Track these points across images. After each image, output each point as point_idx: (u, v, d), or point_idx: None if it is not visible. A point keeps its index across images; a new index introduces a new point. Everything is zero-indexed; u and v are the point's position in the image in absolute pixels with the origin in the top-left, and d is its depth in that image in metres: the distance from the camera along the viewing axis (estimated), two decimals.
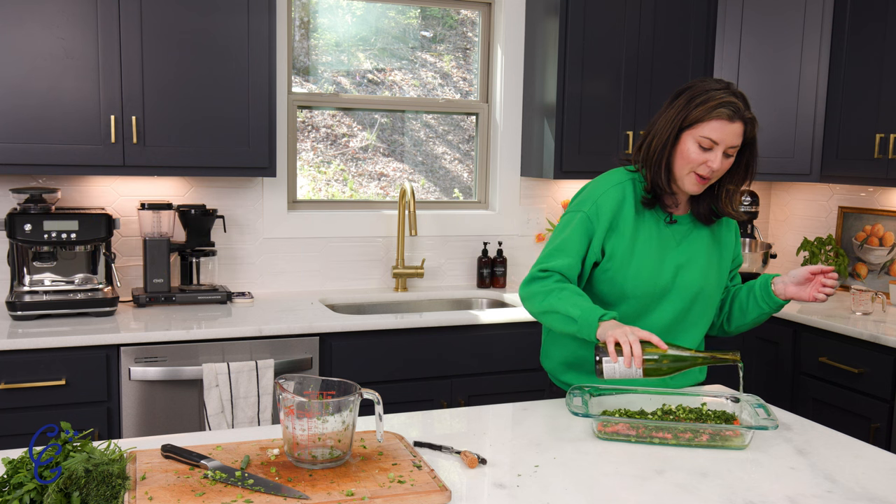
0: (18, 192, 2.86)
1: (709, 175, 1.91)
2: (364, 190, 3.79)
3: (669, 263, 1.99)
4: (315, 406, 1.49)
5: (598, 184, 2.04)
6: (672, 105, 1.96)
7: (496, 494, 1.47)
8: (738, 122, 1.88)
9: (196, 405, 2.75)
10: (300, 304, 3.20)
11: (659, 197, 1.99)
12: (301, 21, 3.55)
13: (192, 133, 2.95)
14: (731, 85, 1.93)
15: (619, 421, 1.74)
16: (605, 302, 2.03)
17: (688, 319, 2.04)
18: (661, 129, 1.95)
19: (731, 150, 1.90)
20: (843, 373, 3.03)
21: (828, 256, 3.75)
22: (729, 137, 1.88)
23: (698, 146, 1.89)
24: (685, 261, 2.01)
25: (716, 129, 1.87)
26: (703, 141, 1.89)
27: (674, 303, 2.01)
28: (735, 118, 1.87)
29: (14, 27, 2.71)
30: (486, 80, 3.82)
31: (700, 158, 1.90)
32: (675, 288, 2.00)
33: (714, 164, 1.88)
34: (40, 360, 2.57)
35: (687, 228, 2.03)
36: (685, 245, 2.02)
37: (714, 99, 1.88)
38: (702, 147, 1.89)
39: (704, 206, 2.01)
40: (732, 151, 1.91)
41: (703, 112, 1.88)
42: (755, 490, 1.52)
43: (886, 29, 3.23)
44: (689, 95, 1.93)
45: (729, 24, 3.58)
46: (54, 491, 1.29)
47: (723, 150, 1.89)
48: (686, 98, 1.93)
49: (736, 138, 1.89)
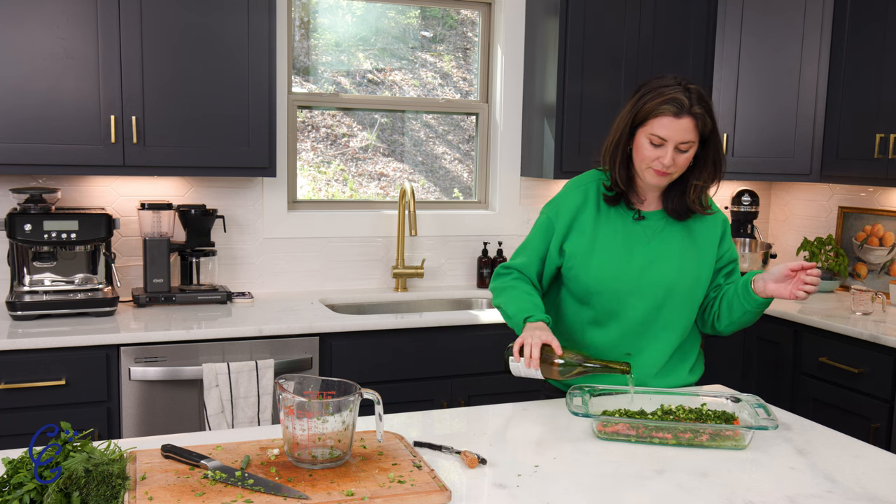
0: (18, 192, 2.86)
1: (665, 171, 1.92)
2: (364, 190, 3.79)
3: (637, 259, 2.00)
4: (315, 406, 1.49)
5: (565, 187, 2.12)
6: (627, 102, 1.98)
7: (496, 494, 1.47)
8: (685, 117, 1.87)
9: (196, 405, 2.75)
10: (300, 304, 3.20)
11: (623, 194, 2.02)
12: (301, 21, 3.55)
13: (192, 133, 2.95)
14: (684, 80, 1.92)
15: (619, 421, 1.74)
16: (577, 299, 2.07)
17: (662, 317, 2.03)
18: (616, 128, 1.98)
19: (684, 146, 1.90)
20: (843, 373, 3.03)
21: (828, 256, 3.75)
22: (677, 134, 1.88)
23: (649, 143, 1.91)
24: (655, 256, 2.00)
25: (663, 125, 1.88)
26: (652, 138, 1.90)
27: (645, 299, 2.00)
28: (682, 114, 1.87)
29: (14, 27, 2.71)
30: (486, 80, 3.82)
31: (652, 155, 1.91)
32: (645, 284, 2.00)
33: (665, 161, 1.90)
34: (40, 360, 2.57)
35: (659, 224, 2.03)
36: (657, 241, 2.02)
37: (661, 95, 1.89)
38: (652, 144, 1.91)
39: (673, 201, 2.02)
40: (685, 147, 1.90)
41: (650, 109, 1.90)
42: (755, 490, 1.52)
43: (886, 29, 3.23)
44: (641, 93, 1.94)
45: (729, 24, 3.58)
46: (54, 491, 1.29)
47: (673, 146, 1.89)
48: (638, 95, 1.95)
49: (685, 134, 1.88)
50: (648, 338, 2.04)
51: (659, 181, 1.95)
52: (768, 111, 3.60)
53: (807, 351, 3.20)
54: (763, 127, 3.61)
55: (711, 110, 1.92)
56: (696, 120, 1.88)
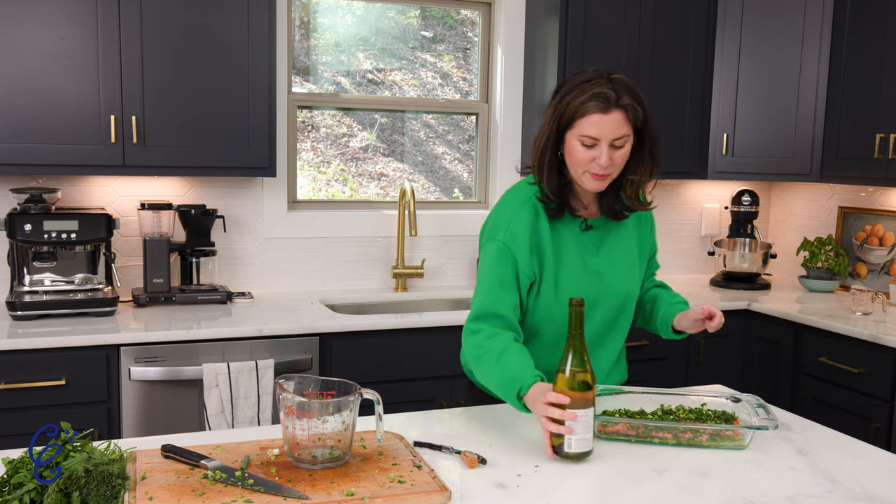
0: (18, 192, 2.86)
1: (604, 172, 1.79)
2: (364, 190, 3.79)
3: (592, 272, 1.90)
4: (315, 406, 1.49)
5: (505, 205, 1.92)
6: (549, 105, 1.84)
7: (496, 494, 1.47)
8: (614, 111, 1.75)
9: (196, 405, 2.75)
10: (300, 304, 3.20)
11: (565, 203, 1.88)
12: (301, 21, 3.55)
13: (192, 133, 2.95)
14: (606, 72, 1.79)
15: (619, 421, 1.74)
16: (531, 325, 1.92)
17: (615, 326, 1.98)
18: (541, 134, 1.85)
19: (619, 142, 1.78)
20: (843, 373, 3.03)
21: (828, 256, 3.75)
22: (609, 130, 1.75)
23: (581, 145, 1.78)
24: (606, 266, 1.91)
25: (593, 123, 1.75)
26: (583, 139, 1.77)
27: (602, 312, 1.92)
28: (610, 108, 1.74)
29: (14, 27, 2.71)
30: (486, 80, 3.83)
31: (587, 157, 1.78)
32: (603, 297, 1.91)
33: (602, 161, 1.76)
34: (40, 360, 2.57)
35: (603, 232, 1.93)
36: (604, 250, 1.92)
37: (585, 92, 1.75)
38: (584, 145, 1.78)
39: (610, 200, 1.90)
40: (621, 142, 1.78)
41: (575, 108, 1.76)
42: (755, 490, 1.52)
43: (886, 29, 3.23)
44: (563, 93, 1.81)
45: (729, 24, 3.58)
46: (54, 491, 1.29)
47: (607, 143, 1.76)
48: (559, 96, 1.81)
49: (618, 128, 1.76)
50: (599, 346, 1.96)
51: (599, 185, 1.82)
52: (768, 111, 3.60)
53: (807, 351, 3.20)
54: (763, 127, 3.61)
55: (641, 99, 1.80)
56: (626, 112, 1.76)
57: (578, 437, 1.59)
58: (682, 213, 4.13)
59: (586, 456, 1.62)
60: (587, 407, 1.59)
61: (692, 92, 3.62)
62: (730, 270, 3.82)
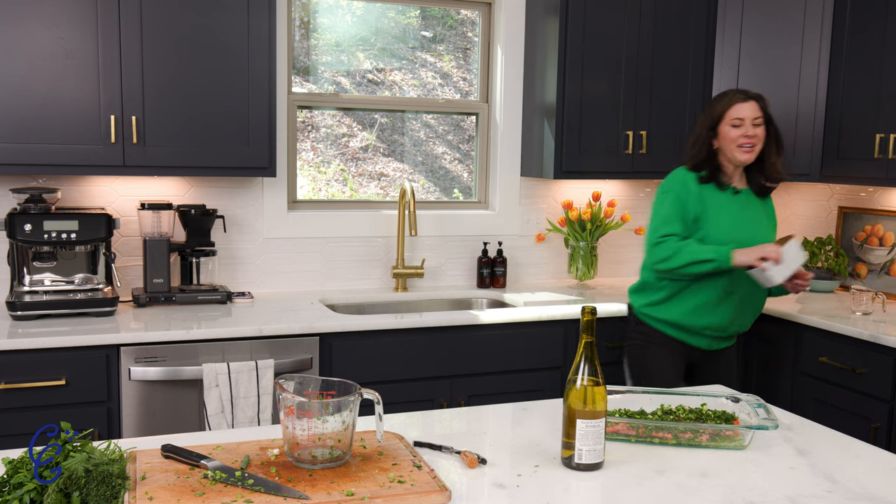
0: (18, 192, 2.86)
1: (750, 142, 2.64)
2: (364, 190, 3.79)
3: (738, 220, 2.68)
4: (315, 406, 1.49)
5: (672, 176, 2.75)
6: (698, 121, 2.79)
7: (496, 494, 1.47)
8: (751, 101, 2.67)
9: (196, 405, 2.75)
10: (300, 304, 3.20)
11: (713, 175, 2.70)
12: (301, 21, 3.55)
13: (192, 133, 2.95)
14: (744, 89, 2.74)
15: (619, 421, 1.74)
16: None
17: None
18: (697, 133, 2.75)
19: (757, 121, 2.65)
20: (843, 373, 3.03)
21: (828, 256, 3.75)
22: (750, 111, 2.66)
23: (732, 126, 2.66)
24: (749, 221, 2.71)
25: (739, 109, 2.66)
26: (734, 122, 2.66)
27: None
28: (748, 98, 2.68)
29: (14, 27, 2.71)
30: (486, 80, 3.83)
31: (737, 133, 2.66)
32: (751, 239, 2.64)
33: (749, 132, 2.64)
34: (40, 360, 2.57)
35: (749, 198, 2.75)
36: (749, 211, 2.73)
37: (727, 94, 2.72)
38: (734, 126, 2.66)
39: (758, 179, 2.74)
40: (759, 121, 2.65)
41: (725, 104, 2.69)
42: (755, 490, 1.52)
43: (886, 29, 3.23)
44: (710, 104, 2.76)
45: (729, 24, 3.58)
46: (54, 491, 1.29)
47: (750, 122, 2.64)
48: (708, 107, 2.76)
49: (755, 111, 2.66)
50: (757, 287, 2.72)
51: (748, 156, 2.66)
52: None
53: (807, 351, 3.20)
54: None
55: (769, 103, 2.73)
56: (758, 101, 2.68)
57: (589, 449, 1.58)
58: None
59: (597, 467, 1.60)
60: (598, 418, 1.58)
61: (692, 92, 3.62)
62: None
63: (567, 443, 1.60)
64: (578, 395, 1.58)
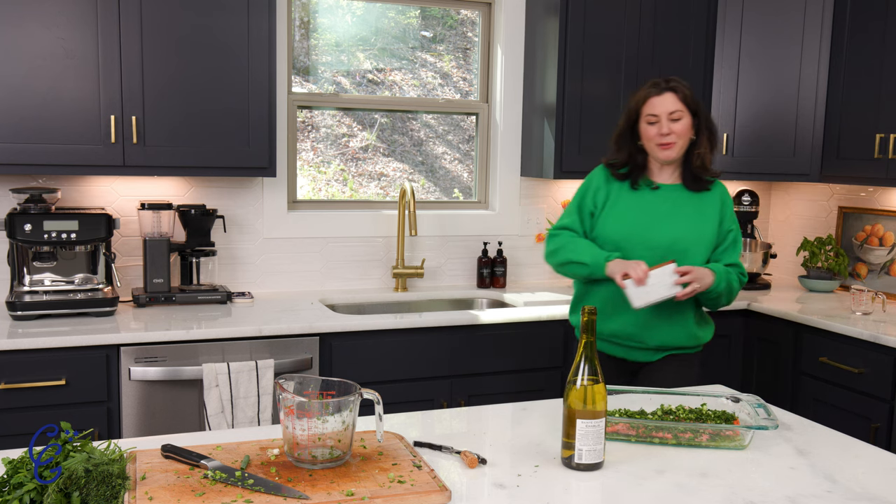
0: (18, 192, 2.86)
1: (666, 140, 2.38)
2: (364, 190, 3.79)
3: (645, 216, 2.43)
4: (315, 406, 1.49)
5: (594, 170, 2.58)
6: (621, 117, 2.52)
7: (496, 494, 1.47)
8: (665, 92, 2.39)
9: (196, 405, 2.75)
10: (300, 304, 3.20)
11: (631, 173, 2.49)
12: (301, 21, 3.55)
13: (192, 133, 2.95)
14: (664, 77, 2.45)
15: (619, 421, 1.74)
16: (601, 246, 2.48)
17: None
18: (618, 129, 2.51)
19: (675, 115, 2.37)
20: (843, 373, 3.03)
21: (828, 256, 3.75)
22: (664, 105, 2.38)
23: (648, 124, 2.41)
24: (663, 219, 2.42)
25: (652, 105, 2.40)
26: (648, 118, 2.40)
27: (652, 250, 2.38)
28: (662, 90, 2.40)
29: (14, 27, 2.71)
30: (486, 80, 3.83)
31: (653, 131, 2.40)
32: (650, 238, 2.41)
33: (664, 129, 2.37)
34: (40, 360, 2.57)
35: (676, 196, 2.46)
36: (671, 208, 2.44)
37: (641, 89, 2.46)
38: (650, 123, 2.40)
39: (687, 172, 2.46)
40: (677, 115, 2.37)
41: (638, 99, 2.44)
42: (755, 490, 1.52)
43: (886, 29, 3.23)
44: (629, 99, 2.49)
45: (729, 24, 3.58)
46: (54, 491, 1.29)
47: (666, 117, 2.37)
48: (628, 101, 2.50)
49: (672, 104, 2.38)
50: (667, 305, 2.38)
51: (667, 154, 2.40)
52: (768, 111, 3.60)
53: (807, 351, 3.20)
54: (763, 127, 3.61)
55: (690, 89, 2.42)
56: (675, 93, 2.38)
57: (589, 449, 1.58)
58: None
59: (597, 467, 1.60)
60: (598, 418, 1.58)
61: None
62: None
63: (567, 443, 1.60)
64: (578, 395, 1.58)
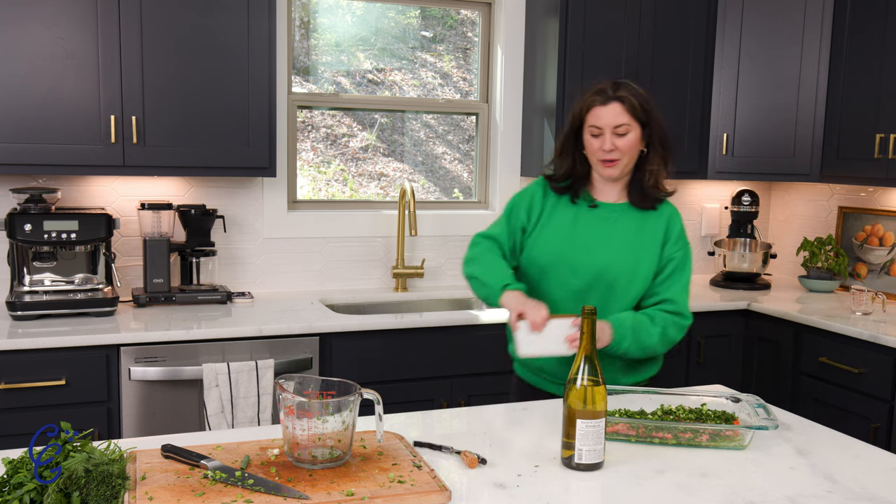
0: (18, 192, 2.86)
1: (609, 157, 2.05)
2: (364, 190, 3.79)
3: (579, 241, 2.12)
4: (315, 406, 1.49)
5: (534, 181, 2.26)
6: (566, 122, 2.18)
7: (496, 494, 1.47)
8: (612, 103, 2.04)
9: (196, 405, 2.75)
10: (300, 304, 3.20)
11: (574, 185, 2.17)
12: (301, 21, 3.55)
13: (192, 133, 2.95)
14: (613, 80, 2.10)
15: (619, 421, 1.74)
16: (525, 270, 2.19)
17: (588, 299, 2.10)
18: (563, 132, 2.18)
19: (620, 129, 2.04)
20: (843, 373, 3.03)
21: (828, 256, 3.75)
22: (609, 118, 2.03)
23: (591, 136, 2.08)
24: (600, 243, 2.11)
25: (596, 115, 2.06)
26: (591, 129, 2.07)
27: (579, 281, 2.10)
28: (608, 101, 2.04)
29: (14, 27, 2.71)
30: (486, 80, 3.82)
31: (596, 145, 2.07)
32: (581, 266, 2.10)
33: (606, 146, 2.04)
34: (40, 360, 2.57)
35: (613, 215, 2.14)
36: (608, 231, 2.12)
37: (589, 92, 2.10)
38: (593, 135, 2.07)
39: (636, 190, 2.14)
40: (622, 130, 2.04)
41: (582, 106, 2.10)
42: (755, 490, 1.52)
43: (886, 29, 3.23)
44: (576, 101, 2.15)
45: (729, 24, 3.58)
46: (54, 491, 1.29)
47: (610, 131, 2.04)
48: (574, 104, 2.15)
49: (616, 117, 2.03)
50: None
51: (610, 171, 2.08)
52: (768, 111, 3.60)
53: (807, 351, 3.20)
54: (763, 127, 3.61)
55: (643, 97, 2.07)
56: (622, 103, 2.03)
57: (589, 449, 1.58)
58: (683, 213, 4.10)
59: (597, 467, 1.60)
60: (598, 418, 1.58)
61: (692, 92, 3.62)
62: (730, 270, 3.82)
63: (567, 443, 1.60)
64: (578, 395, 1.58)
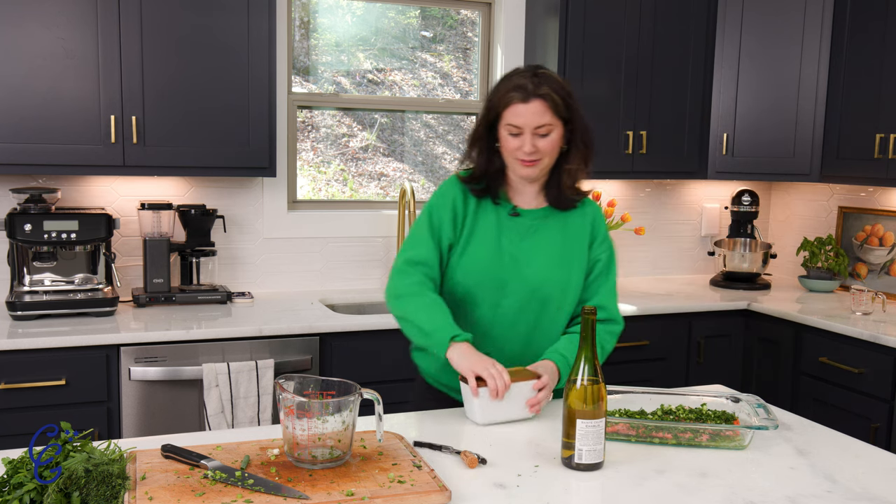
0: (18, 192, 2.86)
1: (529, 159, 1.89)
2: (364, 190, 3.79)
3: (506, 254, 1.96)
4: (315, 406, 1.49)
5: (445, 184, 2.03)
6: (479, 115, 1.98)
7: (496, 494, 1.47)
8: (533, 101, 1.85)
9: (196, 405, 2.75)
10: (300, 304, 3.20)
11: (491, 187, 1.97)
12: (301, 21, 3.55)
13: (192, 133, 2.95)
14: (538, 68, 1.91)
15: (619, 421, 1.74)
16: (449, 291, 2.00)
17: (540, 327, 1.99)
18: (476, 125, 1.98)
19: (542, 130, 1.87)
20: (843, 373, 3.03)
21: (828, 256, 3.75)
22: (530, 117, 1.86)
23: (508, 134, 1.89)
24: (527, 254, 1.96)
25: (516, 113, 1.86)
26: (509, 128, 1.89)
27: (513, 298, 1.96)
28: (529, 98, 1.85)
29: (14, 27, 2.71)
30: (486, 80, 3.82)
31: (515, 145, 1.89)
32: (513, 281, 1.95)
33: (526, 148, 1.87)
34: (40, 360, 2.57)
35: (539, 223, 1.99)
36: (532, 240, 1.97)
37: (507, 85, 1.89)
38: (511, 134, 1.89)
39: (553, 192, 1.98)
40: (544, 130, 1.88)
41: (499, 101, 1.89)
42: (755, 490, 1.52)
43: (886, 29, 3.23)
44: (493, 89, 1.94)
45: (729, 24, 3.58)
46: (54, 491, 1.29)
47: (530, 132, 1.87)
48: (491, 92, 1.94)
49: (538, 117, 1.86)
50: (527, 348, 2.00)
51: (529, 171, 1.92)
52: (768, 111, 3.60)
53: (807, 351, 3.20)
54: (763, 127, 3.61)
55: (565, 91, 1.90)
56: (545, 101, 1.86)
57: (589, 449, 1.57)
58: (682, 213, 4.13)
59: (597, 467, 1.60)
60: (598, 418, 1.58)
61: (692, 92, 3.62)
62: (730, 270, 3.82)
63: (567, 443, 1.60)
64: (578, 395, 1.58)
